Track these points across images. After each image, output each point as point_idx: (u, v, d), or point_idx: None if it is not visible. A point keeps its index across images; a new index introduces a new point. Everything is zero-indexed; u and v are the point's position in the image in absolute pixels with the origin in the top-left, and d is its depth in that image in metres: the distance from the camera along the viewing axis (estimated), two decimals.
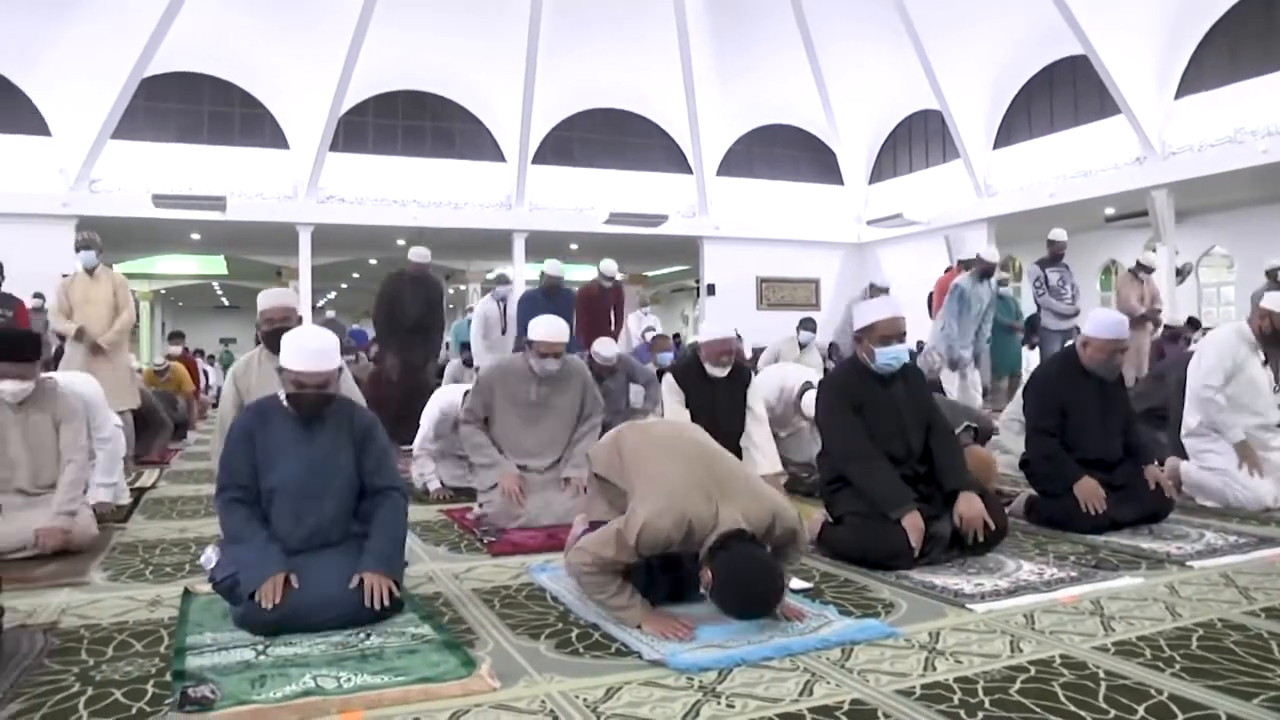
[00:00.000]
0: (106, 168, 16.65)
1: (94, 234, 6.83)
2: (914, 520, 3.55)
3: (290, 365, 3.08)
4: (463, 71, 18.80)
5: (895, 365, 3.85)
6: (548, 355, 4.70)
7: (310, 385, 3.08)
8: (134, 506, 5.22)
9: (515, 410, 4.78)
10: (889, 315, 3.83)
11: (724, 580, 2.76)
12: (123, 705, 2.33)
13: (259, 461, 3.11)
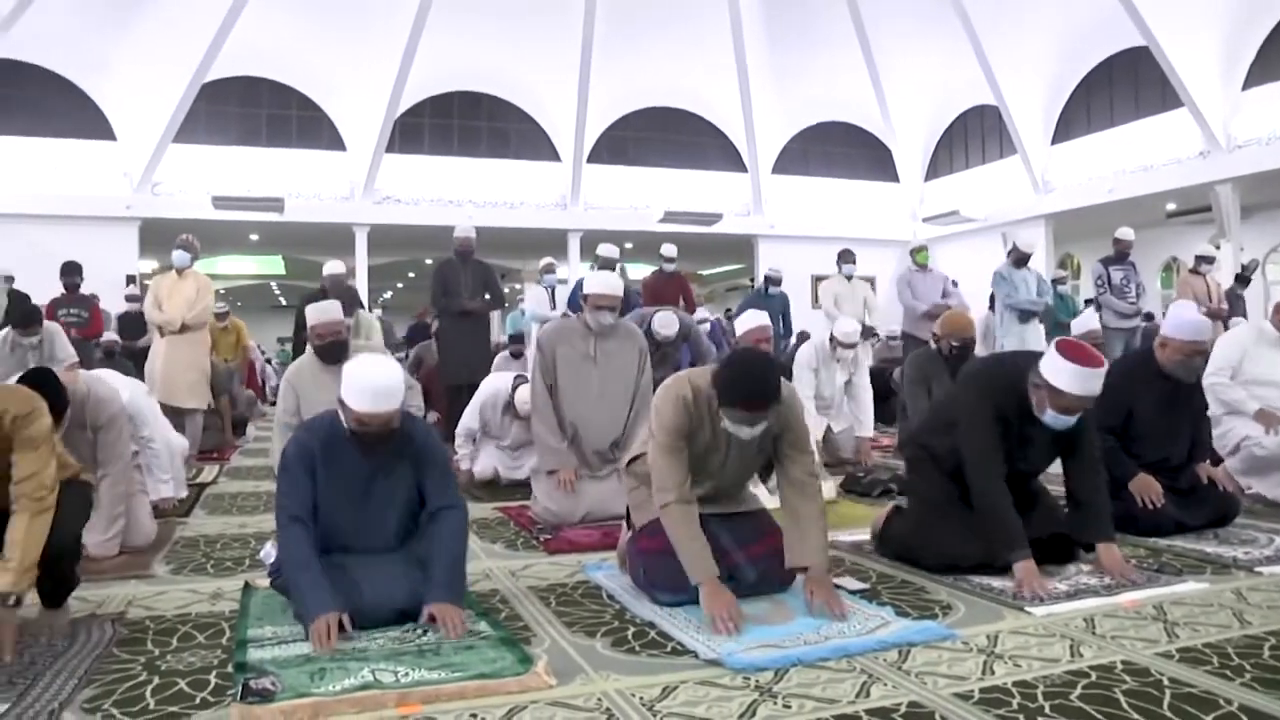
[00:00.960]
0: (168, 171, 16.99)
1: (194, 239, 7.62)
2: (1028, 569, 3.25)
3: (353, 405, 2.89)
4: (518, 72, 18.89)
5: (1059, 429, 3.43)
6: (602, 308, 4.73)
7: (373, 425, 2.92)
8: (195, 502, 5.34)
9: (574, 368, 4.77)
10: (1084, 393, 3.29)
11: (727, 370, 3.03)
12: (187, 694, 2.38)
13: (319, 486, 3.00)
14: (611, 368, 4.79)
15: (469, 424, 5.88)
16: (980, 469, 3.48)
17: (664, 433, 3.11)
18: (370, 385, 2.87)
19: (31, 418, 2.72)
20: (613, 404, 4.78)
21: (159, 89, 16.55)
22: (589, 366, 4.76)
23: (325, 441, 3.01)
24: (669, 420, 3.11)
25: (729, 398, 3.00)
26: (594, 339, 4.79)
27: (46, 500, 2.72)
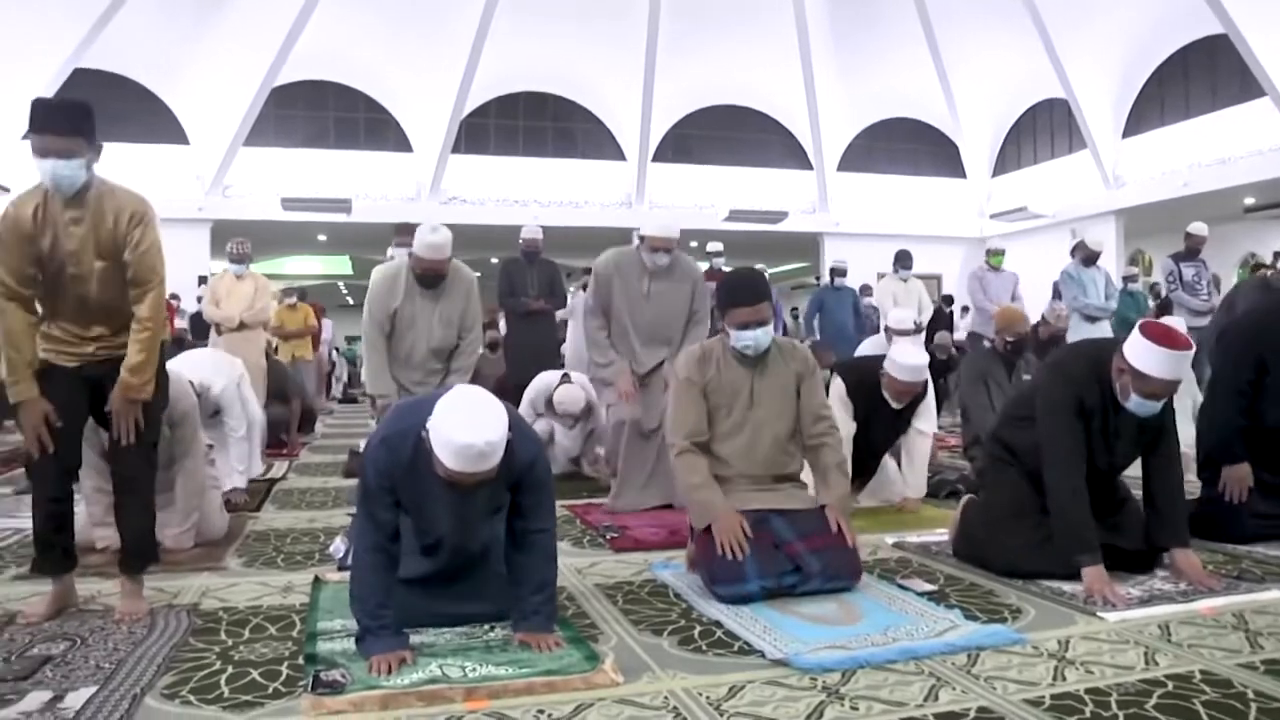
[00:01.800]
0: (239, 174, 17.35)
1: (247, 246, 7.94)
2: (1097, 574, 3.18)
3: (445, 462, 2.50)
4: (583, 71, 18.96)
5: (1143, 415, 3.33)
6: (658, 249, 4.81)
7: (465, 483, 2.56)
8: (265, 497, 5.43)
9: (629, 301, 4.90)
10: (1170, 377, 3.19)
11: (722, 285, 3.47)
12: (260, 684, 2.43)
13: (404, 506, 2.74)
14: (664, 305, 4.92)
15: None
16: (1057, 462, 3.36)
17: (678, 381, 3.46)
18: (465, 447, 2.45)
19: (148, 218, 3.00)
20: (664, 336, 4.93)
21: (230, 94, 16.92)
22: (641, 302, 4.88)
23: (408, 467, 2.67)
24: (683, 370, 3.46)
25: (726, 304, 3.34)
26: (649, 277, 4.89)
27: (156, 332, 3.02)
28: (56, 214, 2.94)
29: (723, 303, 3.41)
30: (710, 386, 3.42)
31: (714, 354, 3.47)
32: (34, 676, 2.47)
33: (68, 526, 3.09)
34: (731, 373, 3.44)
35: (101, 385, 3.05)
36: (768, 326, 3.36)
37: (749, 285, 3.39)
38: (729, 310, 3.37)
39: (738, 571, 3.09)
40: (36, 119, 2.90)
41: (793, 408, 3.48)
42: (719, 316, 3.47)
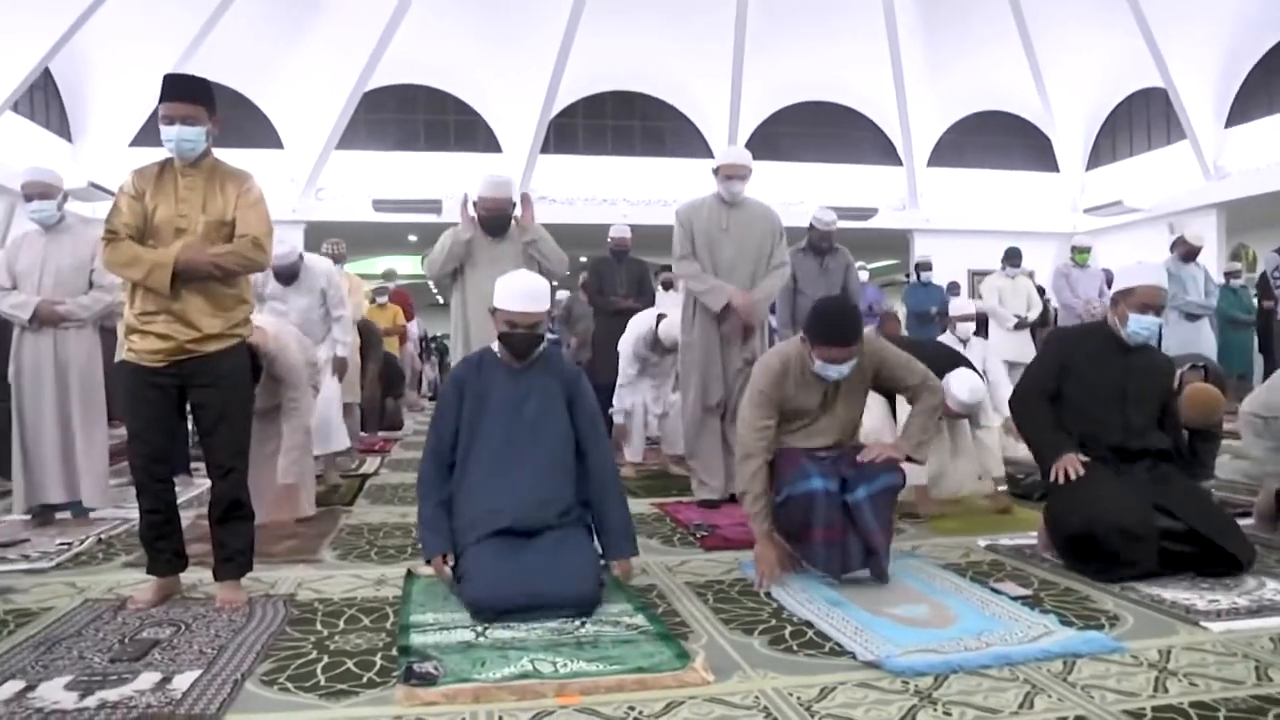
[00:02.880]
0: (331, 176, 17.72)
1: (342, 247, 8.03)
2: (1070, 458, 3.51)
3: (504, 306, 3.29)
4: (671, 70, 18.95)
5: (1144, 336, 3.63)
6: (732, 178, 4.97)
7: (522, 326, 3.29)
8: (358, 492, 5.55)
9: (709, 238, 5.00)
10: (1150, 283, 3.59)
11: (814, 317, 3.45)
12: (354, 674, 2.49)
13: (469, 410, 3.35)
14: (742, 237, 5.00)
15: (629, 371, 6.27)
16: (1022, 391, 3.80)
17: (755, 392, 3.51)
18: (520, 287, 3.32)
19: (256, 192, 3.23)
20: (744, 271, 4.99)
21: (322, 99, 17.30)
22: (722, 236, 4.97)
23: (478, 366, 3.42)
24: (761, 381, 3.50)
25: (816, 339, 3.38)
26: (726, 211, 5.00)
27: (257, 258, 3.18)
28: (173, 180, 3.16)
29: (813, 333, 3.41)
30: (786, 398, 3.52)
31: (791, 369, 3.50)
32: (145, 658, 2.60)
33: (170, 534, 3.24)
34: (809, 387, 3.52)
35: (188, 389, 3.19)
36: (854, 361, 3.41)
37: (841, 329, 3.38)
38: (819, 345, 3.39)
39: (803, 471, 3.35)
40: (166, 89, 3.13)
41: (864, 399, 3.67)
42: (806, 339, 3.45)
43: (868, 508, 3.33)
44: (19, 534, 4.41)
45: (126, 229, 3.10)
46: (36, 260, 4.62)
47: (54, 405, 4.61)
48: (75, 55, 16.28)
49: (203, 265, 3.07)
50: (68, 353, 4.64)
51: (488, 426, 3.34)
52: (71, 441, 4.63)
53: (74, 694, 2.34)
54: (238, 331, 3.24)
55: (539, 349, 3.41)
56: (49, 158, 15.46)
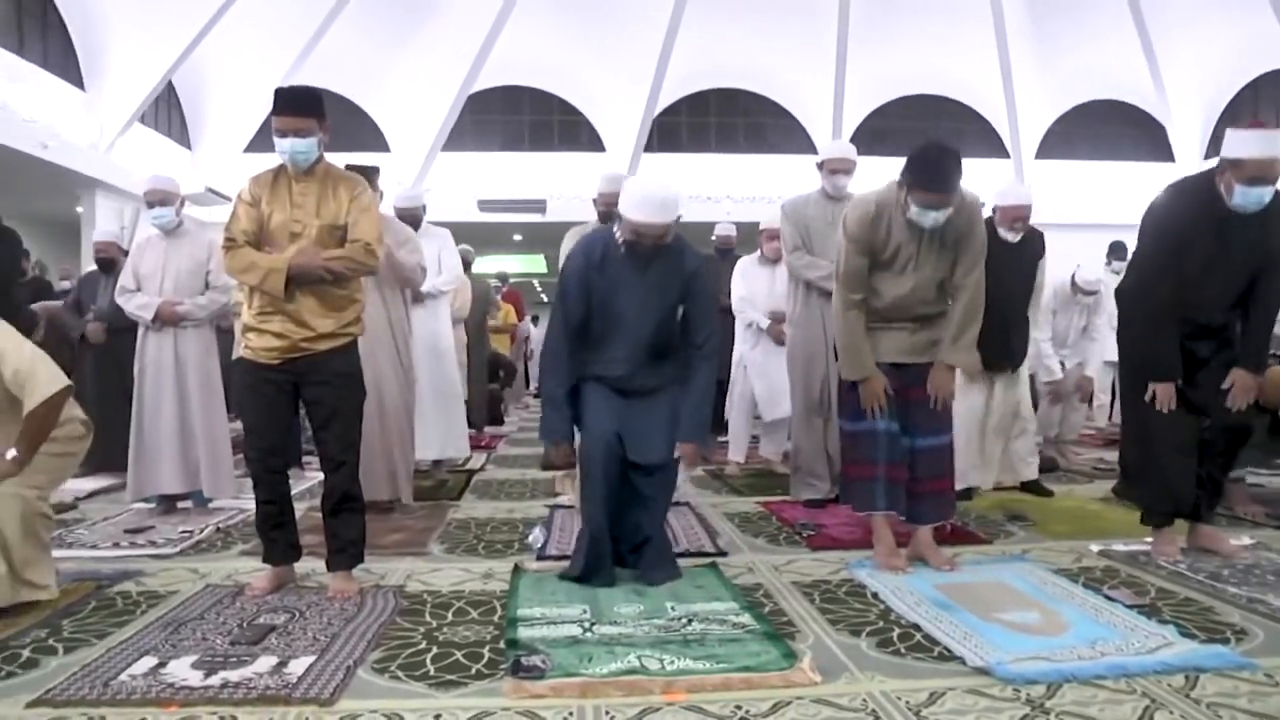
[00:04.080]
0: (437, 177, 18.05)
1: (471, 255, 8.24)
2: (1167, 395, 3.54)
3: (631, 215, 3.26)
4: (774, 66, 18.84)
5: (1251, 208, 3.43)
6: (838, 172, 4.91)
7: (649, 237, 3.28)
8: (465, 486, 5.61)
9: (815, 234, 4.94)
10: (1262, 155, 3.35)
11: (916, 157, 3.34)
12: (463, 665, 2.52)
13: (593, 295, 3.38)
14: None
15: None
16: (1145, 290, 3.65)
17: (848, 236, 3.50)
18: (649, 194, 3.26)
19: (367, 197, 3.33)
20: None
21: (428, 102, 17.65)
22: (828, 231, 4.83)
23: (603, 251, 3.39)
24: (853, 225, 3.48)
25: (914, 182, 3.31)
26: (832, 205, 4.91)
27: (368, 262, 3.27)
28: (287, 186, 3.28)
29: (912, 176, 3.35)
30: (878, 244, 3.49)
31: (886, 213, 3.47)
32: (262, 642, 2.70)
33: (285, 524, 3.35)
34: (900, 234, 3.48)
35: (302, 386, 3.29)
36: (949, 210, 3.36)
37: (942, 175, 3.31)
38: (915, 188, 3.34)
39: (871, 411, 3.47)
40: (278, 103, 3.24)
41: (950, 260, 3.54)
42: (903, 183, 3.40)
43: (921, 457, 3.52)
44: (145, 521, 4.61)
45: (244, 235, 3.23)
46: (158, 263, 4.82)
47: (173, 401, 4.78)
48: (195, 68, 16.96)
49: (315, 269, 3.16)
50: (186, 351, 4.81)
51: (604, 311, 3.38)
52: (190, 435, 4.79)
53: (199, 672, 2.46)
54: (349, 330, 3.32)
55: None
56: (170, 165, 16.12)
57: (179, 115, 19.10)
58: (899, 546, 3.57)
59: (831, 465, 4.82)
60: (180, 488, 4.81)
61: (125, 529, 4.44)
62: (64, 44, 15.74)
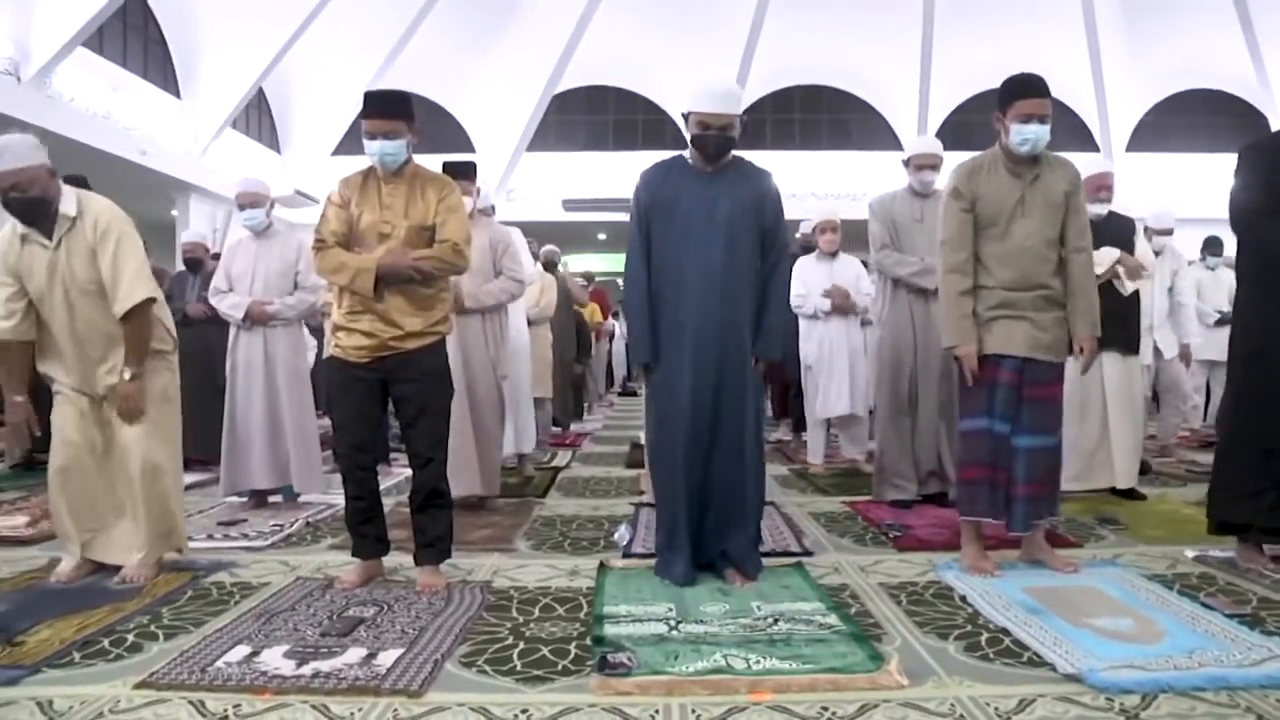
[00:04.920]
0: (522, 178, 18.25)
1: (536, 247, 8.11)
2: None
3: (697, 107, 3.35)
4: (858, 62, 18.66)
5: None
6: (924, 168, 4.86)
7: (715, 127, 3.35)
8: (550, 484, 5.66)
9: (903, 230, 4.89)
10: None
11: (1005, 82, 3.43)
12: (549, 661, 2.53)
13: (658, 209, 3.44)
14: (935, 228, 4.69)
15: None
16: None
17: (951, 199, 3.47)
18: (715, 86, 3.40)
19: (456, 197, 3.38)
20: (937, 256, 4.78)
21: (513, 103, 17.83)
22: (915, 227, 4.84)
23: (667, 171, 3.51)
24: (953, 180, 3.49)
25: (1008, 97, 3.36)
26: (919, 202, 4.87)
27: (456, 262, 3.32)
28: (376, 188, 3.34)
29: (1004, 97, 3.41)
30: (980, 196, 3.45)
31: (984, 165, 3.49)
32: (352, 634, 2.75)
33: (374, 519, 3.41)
34: (1001, 184, 3.45)
35: (390, 384, 3.34)
36: (1048, 125, 3.36)
37: (1033, 79, 3.39)
38: (1011, 104, 3.37)
39: (981, 408, 3.40)
40: (368, 106, 3.32)
41: (1058, 221, 3.46)
42: (1000, 116, 3.44)
43: (1024, 458, 3.38)
44: (238, 515, 4.74)
45: (334, 236, 3.30)
46: (248, 264, 4.95)
47: (263, 398, 4.90)
48: (284, 75, 17.38)
49: (403, 269, 3.21)
50: (276, 349, 4.93)
51: (677, 229, 3.41)
52: (280, 431, 4.91)
53: (291, 662, 2.52)
54: (437, 329, 3.37)
55: (730, 153, 3.45)
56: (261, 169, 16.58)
57: (269, 120, 19.61)
58: (988, 549, 3.50)
59: (918, 466, 4.76)
60: (270, 483, 4.93)
61: (219, 521, 4.58)
62: (163, 55, 16.29)
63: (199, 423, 3.69)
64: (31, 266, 3.32)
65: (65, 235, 3.32)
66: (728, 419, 3.36)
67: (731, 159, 3.49)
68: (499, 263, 4.85)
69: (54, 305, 3.35)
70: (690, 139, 3.44)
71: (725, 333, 3.37)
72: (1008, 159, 3.45)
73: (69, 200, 3.33)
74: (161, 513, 3.50)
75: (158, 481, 3.48)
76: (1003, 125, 3.44)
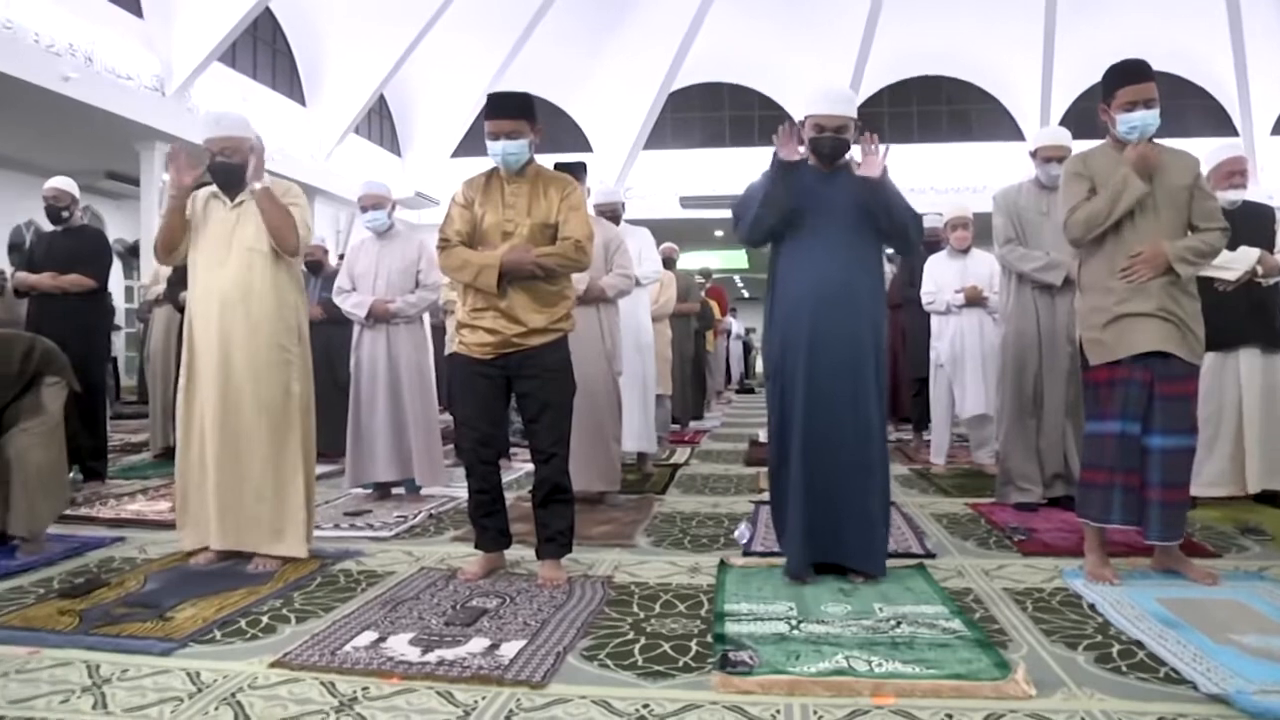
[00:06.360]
0: (639, 175, 18.33)
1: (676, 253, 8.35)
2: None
3: (813, 110, 3.43)
4: (977, 50, 18.20)
5: None
6: (1051, 159, 4.69)
7: (830, 129, 3.40)
8: (669, 481, 5.69)
9: (1028, 225, 4.76)
10: None
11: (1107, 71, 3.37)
12: (670, 657, 2.54)
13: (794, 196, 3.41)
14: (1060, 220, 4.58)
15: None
16: None
17: (1066, 177, 3.43)
18: (830, 89, 3.50)
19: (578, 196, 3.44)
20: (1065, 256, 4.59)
21: (629, 101, 17.92)
22: (1042, 221, 4.70)
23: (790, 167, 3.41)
24: (1071, 165, 3.46)
25: (1112, 84, 3.33)
26: (1045, 195, 4.73)
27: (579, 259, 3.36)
28: (499, 188, 3.42)
29: (1106, 87, 3.37)
30: (1099, 181, 3.35)
31: (1100, 151, 3.44)
32: (475, 624, 2.82)
33: (496, 512, 3.48)
34: (1118, 171, 3.30)
35: (514, 380, 3.40)
36: (1155, 109, 3.29)
37: (1134, 64, 3.34)
38: (1114, 93, 3.34)
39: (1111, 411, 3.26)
40: (491, 107, 3.40)
41: (1182, 213, 3.34)
42: (1103, 108, 3.39)
43: (1159, 461, 3.22)
44: (363, 506, 4.89)
45: (458, 236, 3.39)
46: (371, 264, 5.11)
47: (386, 394, 5.04)
48: (403, 80, 17.81)
49: (526, 266, 3.27)
50: (398, 346, 5.07)
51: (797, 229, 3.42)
52: (403, 426, 5.04)
53: (417, 649, 2.60)
54: (560, 326, 3.41)
55: (846, 154, 3.48)
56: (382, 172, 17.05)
57: (389, 125, 20.13)
58: (1115, 555, 3.38)
59: (1043, 468, 4.63)
60: (394, 476, 5.07)
61: (345, 512, 4.73)
62: (289, 67, 16.92)
63: (321, 417, 3.84)
64: (203, 221, 3.70)
65: (247, 201, 3.68)
66: (850, 418, 3.32)
67: (849, 160, 3.49)
68: (610, 260, 4.87)
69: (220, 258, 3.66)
70: (807, 142, 3.43)
71: (847, 332, 3.33)
72: (1120, 151, 3.34)
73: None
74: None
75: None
76: (1109, 117, 3.38)
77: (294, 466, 3.66)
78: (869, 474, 3.35)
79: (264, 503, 3.60)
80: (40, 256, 5.58)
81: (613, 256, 4.89)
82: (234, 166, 3.67)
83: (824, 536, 3.33)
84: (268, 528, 3.61)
